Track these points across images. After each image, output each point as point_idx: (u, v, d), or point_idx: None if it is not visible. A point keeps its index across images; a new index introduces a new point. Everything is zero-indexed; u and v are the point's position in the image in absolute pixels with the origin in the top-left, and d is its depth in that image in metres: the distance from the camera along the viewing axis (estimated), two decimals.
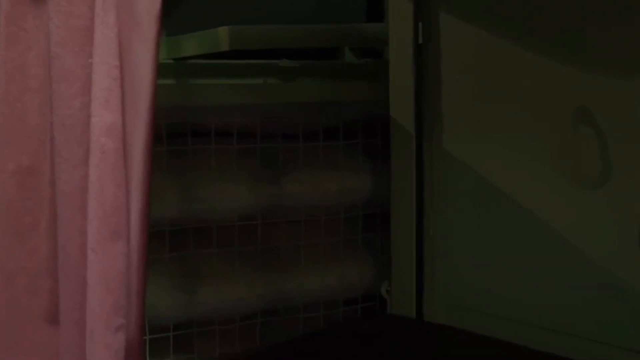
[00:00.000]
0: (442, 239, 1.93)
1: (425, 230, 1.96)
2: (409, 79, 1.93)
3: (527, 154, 1.72)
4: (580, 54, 1.62)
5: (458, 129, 1.87)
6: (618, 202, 1.57)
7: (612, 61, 1.56)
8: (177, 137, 1.88)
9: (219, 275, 1.91)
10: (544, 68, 1.67)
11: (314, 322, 2.05)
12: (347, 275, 2.09)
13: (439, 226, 1.94)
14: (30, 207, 1.15)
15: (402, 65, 1.95)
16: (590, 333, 1.62)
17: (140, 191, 0.99)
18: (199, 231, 1.90)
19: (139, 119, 0.98)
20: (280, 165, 2.01)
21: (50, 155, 1.10)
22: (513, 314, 1.79)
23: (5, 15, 1.16)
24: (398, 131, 1.98)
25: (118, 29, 0.99)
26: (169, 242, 1.86)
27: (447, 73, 1.89)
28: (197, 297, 1.88)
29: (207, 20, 2.06)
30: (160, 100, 1.88)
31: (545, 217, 1.69)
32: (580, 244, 1.63)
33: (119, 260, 0.97)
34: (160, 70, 2.00)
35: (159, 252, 1.85)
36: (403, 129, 1.96)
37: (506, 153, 1.77)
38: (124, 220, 0.98)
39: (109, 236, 0.97)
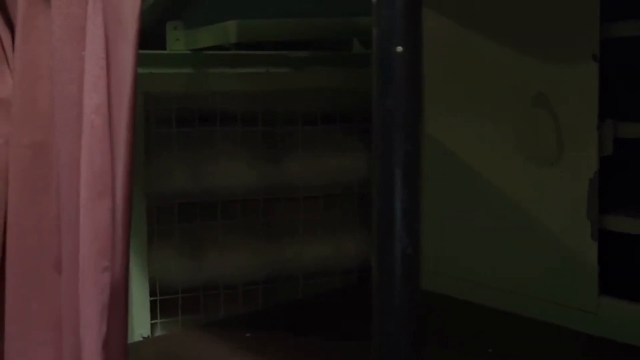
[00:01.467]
0: (428, 213, 2.12)
1: None
2: None
3: (492, 135, 1.91)
4: (538, 46, 1.80)
5: (433, 111, 2.06)
6: (570, 178, 1.75)
7: (565, 53, 1.74)
8: (186, 120, 2.10)
9: (224, 245, 2.14)
10: (507, 58, 1.86)
11: (313, 289, 2.26)
12: (343, 247, 2.30)
13: (426, 201, 2.13)
14: (42, 175, 1.37)
15: None
16: (547, 295, 1.81)
17: (123, 158, 1.21)
18: (205, 205, 2.12)
19: (122, 100, 1.20)
20: (281, 146, 2.22)
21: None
22: (485, 280, 1.97)
23: (22, 15, 1.38)
24: None
25: (105, 29, 1.20)
26: (178, 214, 2.09)
27: (428, 64, 2.07)
28: (203, 263, 2.11)
29: (223, 14, 2.28)
30: (176, 87, 2.12)
31: (509, 192, 1.88)
32: (539, 216, 1.81)
33: (105, 214, 1.19)
34: (178, 60, 2.24)
35: (169, 223, 2.08)
36: None
37: (475, 134, 1.96)
38: (109, 182, 1.20)
39: (97, 195, 1.20)
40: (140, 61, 2.13)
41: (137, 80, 1.22)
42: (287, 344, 1.80)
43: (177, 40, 2.31)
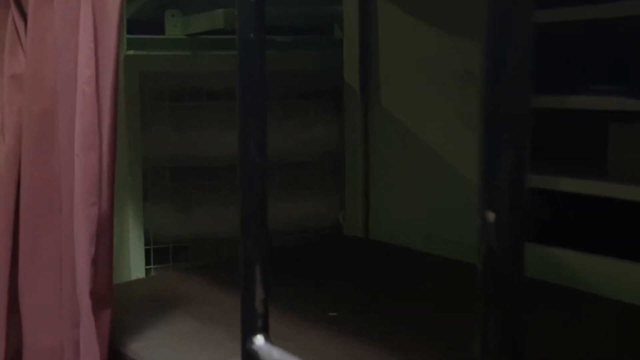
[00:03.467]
0: (381, 175, 2.47)
1: (370, 169, 2.50)
2: (356, 52, 2.46)
3: (432, 106, 2.24)
4: (467, 31, 2.12)
5: (391, 90, 2.39)
6: None
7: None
8: (177, 96, 2.45)
9: (209, 203, 2.48)
10: (444, 42, 2.18)
11: (289, 242, 2.61)
12: (317, 206, 2.64)
13: (379, 165, 2.47)
14: (48, 137, 1.72)
15: (351, 40, 2.48)
16: (472, 240, 2.13)
17: (108, 119, 1.55)
18: (193, 168, 2.47)
19: (107, 74, 1.55)
20: None
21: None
22: (434, 232, 2.31)
23: (32, 7, 1.73)
24: (349, 92, 2.51)
25: (94, 19, 1.55)
26: (170, 176, 2.44)
27: (383, 48, 2.41)
28: (191, 219, 2.46)
29: (217, 3, 2.61)
30: (169, 67, 2.46)
31: (445, 154, 2.21)
32: (468, 174, 2.14)
33: (93, 162, 1.54)
34: (172, 43, 2.58)
35: (162, 184, 2.43)
36: (352, 90, 2.50)
37: (418, 106, 2.29)
38: (97, 138, 1.55)
39: (87, 147, 1.54)
40: (137, 45, 2.50)
41: (119, 58, 1.57)
42: None
43: (175, 26, 2.66)
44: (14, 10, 1.79)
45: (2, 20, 1.82)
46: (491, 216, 0.61)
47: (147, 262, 2.40)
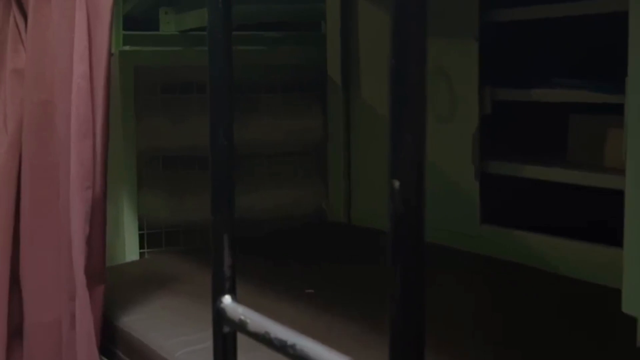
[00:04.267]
0: (362, 164, 2.61)
1: (352, 158, 2.64)
2: (338, 48, 2.61)
3: None
4: (437, 28, 2.26)
5: (370, 83, 2.54)
6: (460, 132, 2.22)
7: (456, 34, 2.21)
8: (169, 89, 2.59)
9: (200, 191, 2.62)
10: None
11: (276, 228, 2.75)
12: (303, 195, 2.78)
13: (360, 155, 2.62)
14: (47, 125, 1.87)
15: (334, 37, 2.63)
16: (442, 223, 2.28)
17: (102, 109, 1.70)
18: (185, 158, 2.61)
19: (100, 69, 1.70)
20: (247, 111, 2.70)
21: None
22: None
23: (32, 7, 1.88)
24: (331, 86, 2.66)
25: (87, 18, 1.69)
26: (163, 165, 2.58)
27: (363, 44, 2.56)
28: (183, 205, 2.60)
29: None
30: (162, 62, 2.60)
31: None
32: (438, 161, 2.28)
33: (88, 149, 1.69)
34: (165, 40, 2.72)
35: (156, 172, 2.58)
36: (335, 84, 2.64)
37: None
38: (91, 127, 1.70)
39: (82, 136, 1.69)
40: (133, 40, 2.65)
41: (110, 54, 1.72)
42: (246, 264, 2.29)
43: (168, 23, 2.81)
44: (15, 10, 1.94)
45: (4, 19, 1.96)
46: (397, 184, 0.75)
47: (141, 246, 2.55)
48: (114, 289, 1.99)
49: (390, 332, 0.77)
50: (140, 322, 1.86)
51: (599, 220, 2.01)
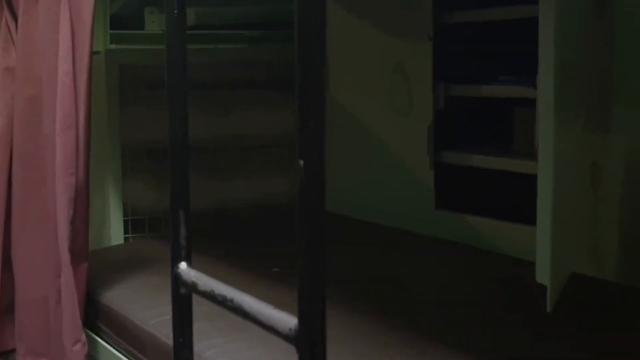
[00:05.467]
0: (335, 156, 2.80)
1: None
2: None
3: (369, 94, 2.58)
4: (397, 29, 2.46)
5: (338, 80, 2.73)
6: (416, 125, 2.41)
7: (413, 34, 2.40)
8: (152, 85, 2.78)
9: None
10: (379, 39, 2.52)
11: (251, 216, 2.95)
12: (278, 185, 2.97)
13: (333, 148, 2.80)
14: (36, 118, 2.05)
15: None
16: (400, 209, 2.47)
17: (84, 104, 1.89)
18: (167, 149, 2.79)
19: (82, 67, 1.89)
20: (225, 105, 2.89)
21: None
22: (376, 204, 2.65)
23: (22, 9, 2.06)
24: None
25: (71, 20, 1.88)
26: (146, 156, 2.77)
27: (331, 44, 2.74)
28: (165, 194, 2.78)
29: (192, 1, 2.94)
30: (146, 60, 2.79)
31: (379, 135, 2.55)
32: (398, 152, 2.48)
33: (71, 140, 1.88)
34: (149, 38, 2.91)
35: (139, 163, 2.76)
36: None
37: (361, 95, 2.63)
38: (74, 120, 1.89)
39: (66, 127, 1.88)
40: (119, 39, 2.84)
41: (92, 53, 1.91)
42: (225, 245, 2.47)
43: (153, 23, 2.99)
44: (6, 13, 2.13)
45: None
46: (301, 162, 0.95)
47: (126, 231, 2.74)
48: (98, 270, 2.18)
49: (299, 286, 0.97)
50: (121, 297, 2.05)
51: None
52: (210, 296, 1.22)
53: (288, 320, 1.01)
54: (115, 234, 2.73)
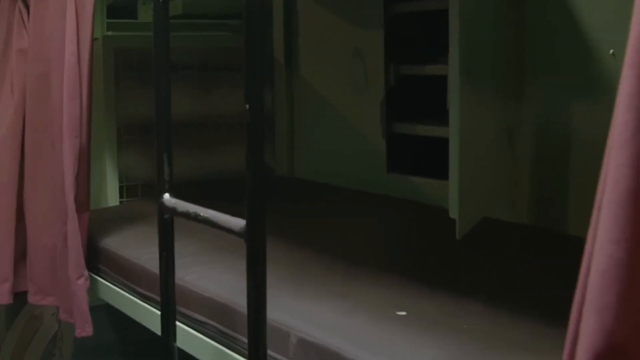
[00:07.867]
0: (301, 129, 3.20)
1: (294, 124, 3.23)
2: (281, 34, 3.19)
3: (333, 75, 2.97)
4: (355, 16, 2.84)
5: (307, 63, 3.11)
6: (372, 101, 2.80)
7: (368, 21, 2.79)
8: (145, 67, 3.16)
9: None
10: (342, 27, 2.90)
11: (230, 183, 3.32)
12: None
13: (300, 121, 3.20)
14: (45, 92, 2.43)
15: (277, 24, 3.21)
16: (358, 173, 2.86)
17: (86, 79, 2.27)
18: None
19: (85, 49, 2.27)
20: (209, 86, 3.28)
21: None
22: (336, 168, 3.03)
23: (33, 0, 2.45)
24: (277, 64, 3.23)
25: (76, 9, 2.26)
26: (139, 130, 3.16)
27: (302, 31, 3.13)
28: (155, 163, 3.17)
29: None
30: (139, 45, 3.17)
31: (342, 110, 2.94)
32: (357, 124, 2.86)
33: (76, 108, 2.26)
34: (142, 26, 3.29)
35: (133, 136, 3.15)
36: (279, 63, 3.22)
37: (327, 76, 3.02)
38: (78, 92, 2.26)
39: (71, 98, 2.26)
40: (115, 27, 3.22)
41: (93, 37, 2.29)
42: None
43: (146, 12, 3.37)
44: (19, 2, 2.51)
45: (11, 10, 2.53)
46: (247, 106, 1.34)
47: (121, 196, 3.12)
48: (97, 224, 2.56)
49: (245, 197, 1.35)
50: (117, 242, 2.44)
51: None
52: (187, 215, 1.62)
53: (239, 222, 1.41)
54: (112, 198, 3.11)
